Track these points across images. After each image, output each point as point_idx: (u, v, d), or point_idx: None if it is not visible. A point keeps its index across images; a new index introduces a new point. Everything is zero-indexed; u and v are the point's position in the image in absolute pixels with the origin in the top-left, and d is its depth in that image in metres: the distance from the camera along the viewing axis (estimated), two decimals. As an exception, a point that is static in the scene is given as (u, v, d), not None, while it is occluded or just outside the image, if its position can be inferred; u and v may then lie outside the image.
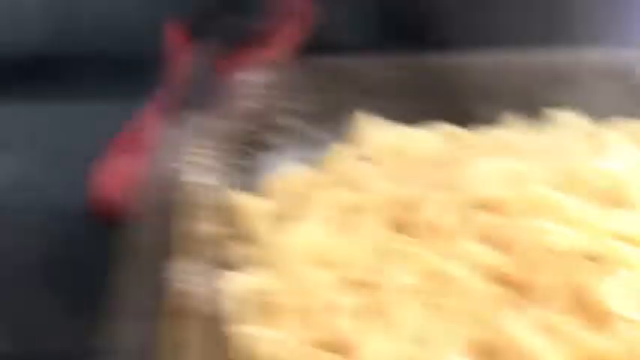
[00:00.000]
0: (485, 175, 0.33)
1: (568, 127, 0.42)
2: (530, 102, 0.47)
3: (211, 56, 0.52)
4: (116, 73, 0.64)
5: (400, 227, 0.34)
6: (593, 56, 0.47)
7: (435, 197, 0.33)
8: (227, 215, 0.35)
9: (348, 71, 0.47)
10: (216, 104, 0.41)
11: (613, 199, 0.33)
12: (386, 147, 0.41)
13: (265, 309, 0.29)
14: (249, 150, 0.43)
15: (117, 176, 0.48)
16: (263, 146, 0.44)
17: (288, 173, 0.39)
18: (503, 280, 0.29)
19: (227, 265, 0.32)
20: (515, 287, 0.29)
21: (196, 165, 0.33)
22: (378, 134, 0.42)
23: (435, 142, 0.41)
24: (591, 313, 0.26)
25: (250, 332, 0.28)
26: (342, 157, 0.42)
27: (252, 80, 0.43)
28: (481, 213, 0.32)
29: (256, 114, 0.43)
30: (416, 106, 0.47)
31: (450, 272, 0.29)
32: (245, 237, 0.35)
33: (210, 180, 0.34)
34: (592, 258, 0.29)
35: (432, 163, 0.38)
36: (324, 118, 0.47)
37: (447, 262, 0.29)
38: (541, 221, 0.30)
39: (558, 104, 0.46)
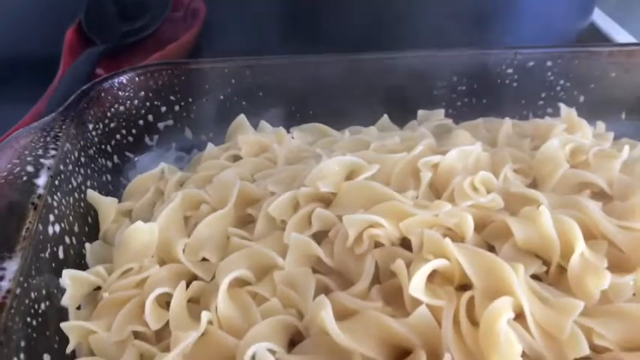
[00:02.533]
0: (325, 172, 0.35)
1: (427, 124, 0.45)
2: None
3: (94, 59, 0.52)
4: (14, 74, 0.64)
5: (245, 222, 0.35)
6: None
7: (278, 193, 0.35)
8: (84, 215, 0.36)
9: (232, 73, 0.48)
10: (88, 106, 0.41)
11: (441, 190, 0.35)
12: (254, 147, 0.42)
13: (98, 303, 0.31)
14: (127, 151, 0.44)
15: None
16: (142, 147, 0.45)
17: (150, 173, 0.40)
18: (325, 268, 0.31)
19: (77, 263, 0.33)
20: (334, 274, 0.31)
21: (48, 167, 0.34)
22: (249, 136, 0.44)
23: (299, 142, 0.43)
24: (394, 296, 0.29)
25: (81, 325, 0.29)
26: (211, 157, 0.43)
27: (129, 83, 0.44)
28: (316, 207, 0.33)
29: (131, 116, 0.44)
30: (298, 106, 0.49)
31: (276, 263, 0.31)
32: (102, 235, 0.37)
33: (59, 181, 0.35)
34: (409, 247, 0.31)
35: (288, 161, 0.40)
36: (206, 120, 0.49)
37: (274, 254, 0.31)
38: (366, 213, 0.32)
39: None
